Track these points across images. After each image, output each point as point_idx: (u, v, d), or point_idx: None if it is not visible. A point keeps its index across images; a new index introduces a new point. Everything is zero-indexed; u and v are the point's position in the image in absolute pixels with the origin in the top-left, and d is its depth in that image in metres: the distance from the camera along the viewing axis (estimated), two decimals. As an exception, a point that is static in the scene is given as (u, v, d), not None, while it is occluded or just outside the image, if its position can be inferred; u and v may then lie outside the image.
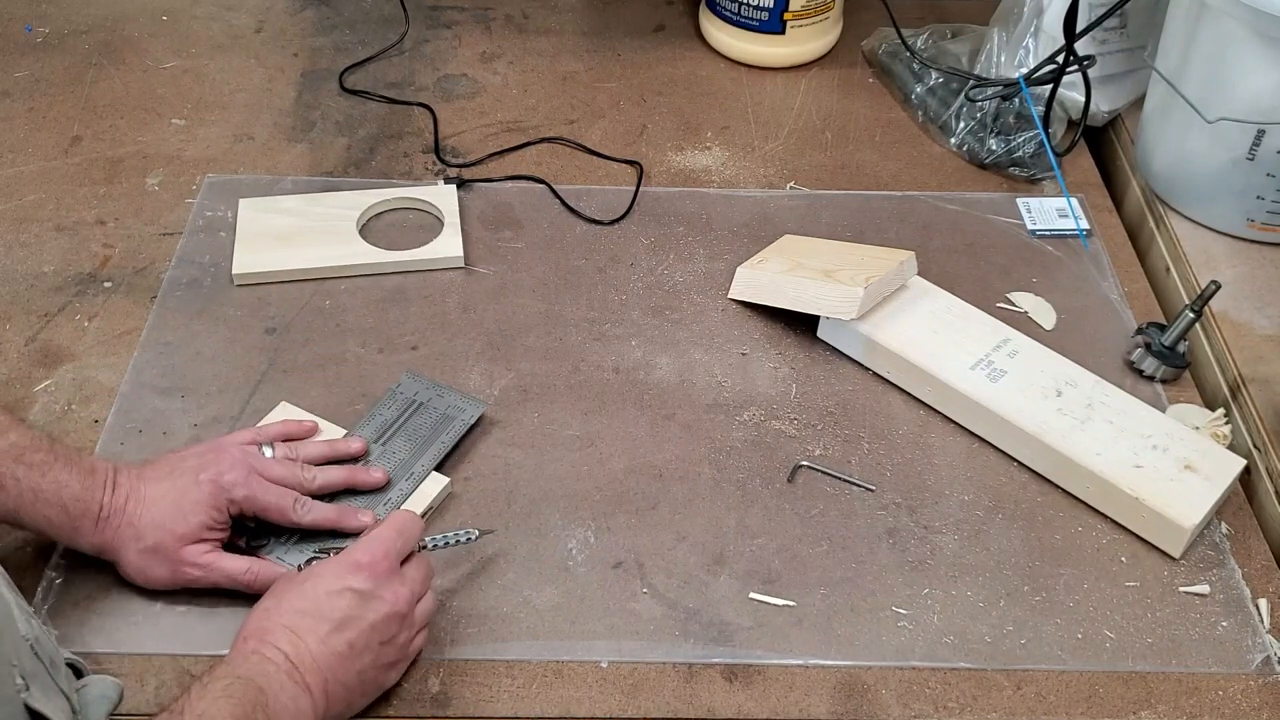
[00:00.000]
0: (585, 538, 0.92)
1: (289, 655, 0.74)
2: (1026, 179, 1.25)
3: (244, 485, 0.85)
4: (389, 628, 0.78)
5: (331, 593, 0.76)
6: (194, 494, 0.83)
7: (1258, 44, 1.05)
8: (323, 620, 0.75)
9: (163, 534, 0.82)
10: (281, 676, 0.73)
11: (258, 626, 0.75)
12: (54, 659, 0.70)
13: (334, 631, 0.75)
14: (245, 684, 0.70)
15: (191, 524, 0.83)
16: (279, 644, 0.74)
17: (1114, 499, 0.93)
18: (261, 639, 0.74)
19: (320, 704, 0.74)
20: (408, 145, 1.26)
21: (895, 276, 1.05)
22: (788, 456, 0.98)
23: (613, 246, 1.16)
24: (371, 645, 0.77)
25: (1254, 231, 1.16)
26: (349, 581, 0.77)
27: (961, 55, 1.34)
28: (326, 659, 0.75)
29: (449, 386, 1.00)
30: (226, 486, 0.84)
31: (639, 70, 1.39)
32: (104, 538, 0.82)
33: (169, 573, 0.83)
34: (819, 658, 0.85)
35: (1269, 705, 0.84)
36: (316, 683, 0.74)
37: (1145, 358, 1.05)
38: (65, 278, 1.09)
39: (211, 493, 0.84)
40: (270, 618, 0.75)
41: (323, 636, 0.75)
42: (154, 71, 1.34)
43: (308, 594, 0.76)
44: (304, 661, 0.74)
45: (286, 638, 0.74)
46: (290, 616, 0.75)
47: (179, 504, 0.83)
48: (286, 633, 0.74)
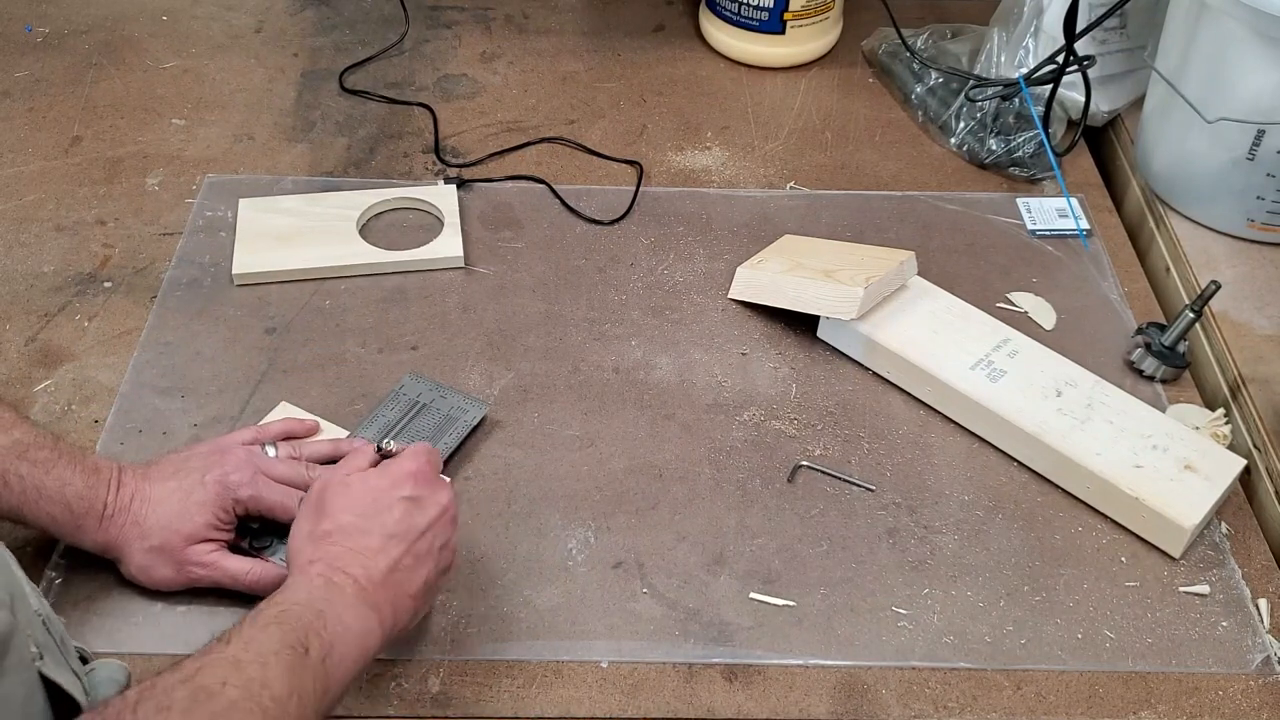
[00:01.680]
0: (585, 538, 0.92)
1: (358, 579, 0.73)
2: (1026, 179, 1.25)
3: (249, 485, 0.84)
4: (444, 530, 0.79)
5: (389, 505, 0.77)
6: (199, 494, 0.83)
7: (1258, 44, 1.05)
8: (388, 536, 0.76)
9: (168, 534, 0.82)
10: (349, 598, 0.72)
11: (316, 553, 0.75)
12: (64, 638, 0.70)
13: (398, 542, 0.76)
14: (301, 609, 0.70)
15: (197, 524, 0.83)
16: (348, 569, 0.74)
17: (1114, 499, 0.93)
18: (330, 564, 0.74)
19: (388, 620, 0.74)
20: (408, 145, 1.26)
21: (895, 276, 1.05)
22: (788, 456, 0.98)
23: (613, 246, 1.16)
24: (431, 552, 0.78)
25: (1254, 231, 1.16)
26: (401, 490, 0.78)
27: (961, 55, 1.34)
28: (395, 573, 0.75)
29: (451, 388, 1.00)
30: (232, 487, 0.84)
31: (639, 70, 1.39)
32: (108, 536, 0.82)
33: (173, 572, 0.83)
34: (819, 658, 0.85)
35: (1269, 705, 0.84)
36: (386, 601, 0.74)
37: (1145, 358, 1.05)
38: (65, 278, 1.09)
39: (218, 493, 0.83)
40: (331, 542, 0.75)
41: (387, 550, 0.75)
42: (154, 71, 1.34)
43: (363, 511, 0.77)
44: (374, 580, 0.74)
45: (354, 560, 0.74)
46: (352, 537, 0.75)
47: (184, 504, 0.83)
48: (353, 554, 0.75)
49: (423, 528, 0.78)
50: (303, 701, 0.65)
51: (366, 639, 0.72)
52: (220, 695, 0.62)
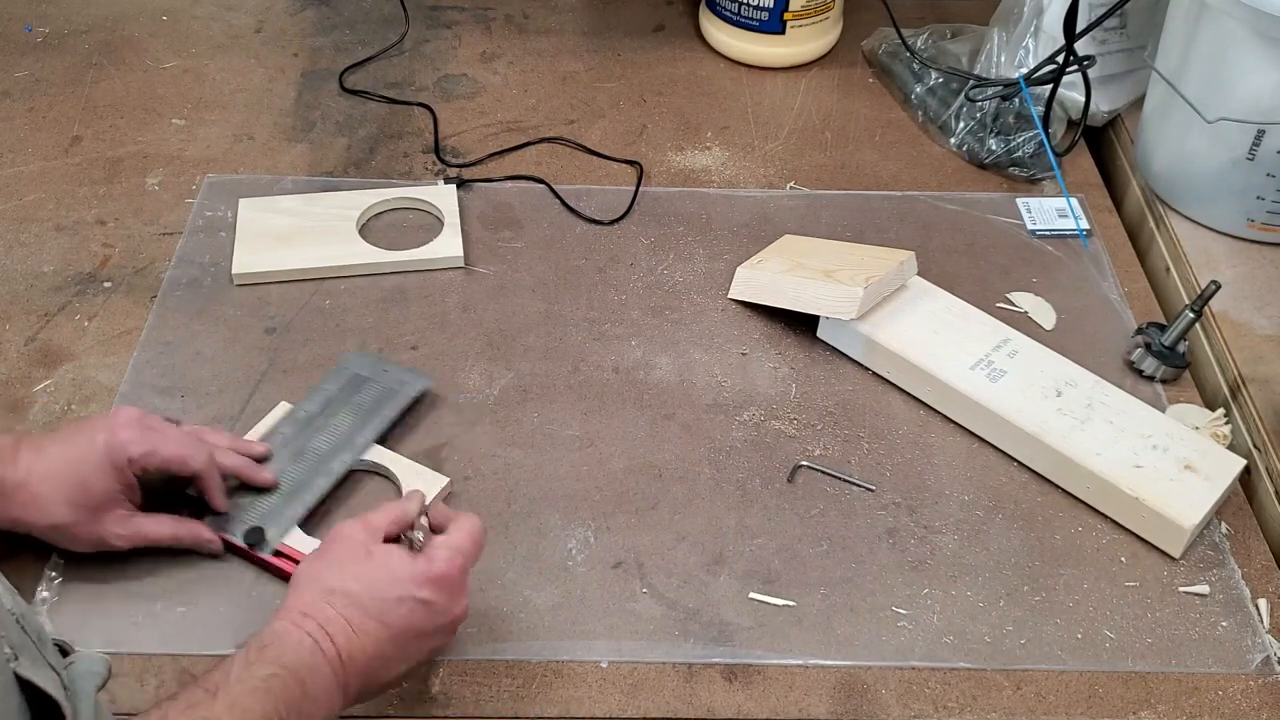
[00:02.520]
0: (585, 538, 0.92)
1: (340, 652, 0.72)
2: (1026, 179, 1.25)
3: (141, 442, 0.83)
4: (443, 636, 0.78)
5: (399, 598, 0.74)
6: (93, 458, 0.82)
7: (1258, 44, 1.05)
8: (383, 625, 0.74)
9: (73, 510, 0.81)
10: (327, 670, 0.72)
11: (314, 605, 0.73)
12: (41, 635, 0.70)
13: (391, 638, 0.74)
14: (289, 676, 0.69)
15: (97, 495, 0.82)
16: (335, 637, 0.72)
17: (1114, 499, 0.93)
18: (322, 626, 0.72)
19: (350, 699, 0.74)
20: (408, 145, 1.26)
21: (895, 276, 1.05)
22: (788, 456, 0.98)
23: (613, 246, 1.16)
24: (419, 654, 0.77)
25: (1254, 231, 1.16)
26: (420, 592, 0.75)
27: (961, 55, 1.34)
28: (373, 662, 0.74)
29: (394, 364, 1.02)
30: (122, 444, 0.82)
31: (639, 70, 1.39)
32: (13, 515, 0.82)
33: (93, 543, 0.83)
34: (819, 658, 0.85)
35: (1269, 705, 0.84)
36: (355, 682, 0.73)
37: (1145, 358, 1.05)
38: (65, 278, 1.09)
39: (108, 453, 0.82)
40: (329, 603, 0.73)
41: (379, 639, 0.73)
42: (154, 71, 1.34)
43: (374, 589, 0.74)
44: (353, 661, 0.73)
45: (343, 631, 0.73)
46: (352, 610, 0.73)
47: (79, 474, 0.81)
48: (344, 626, 0.73)
49: (420, 632, 0.76)
50: None
51: (331, 710, 0.72)
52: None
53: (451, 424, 0.99)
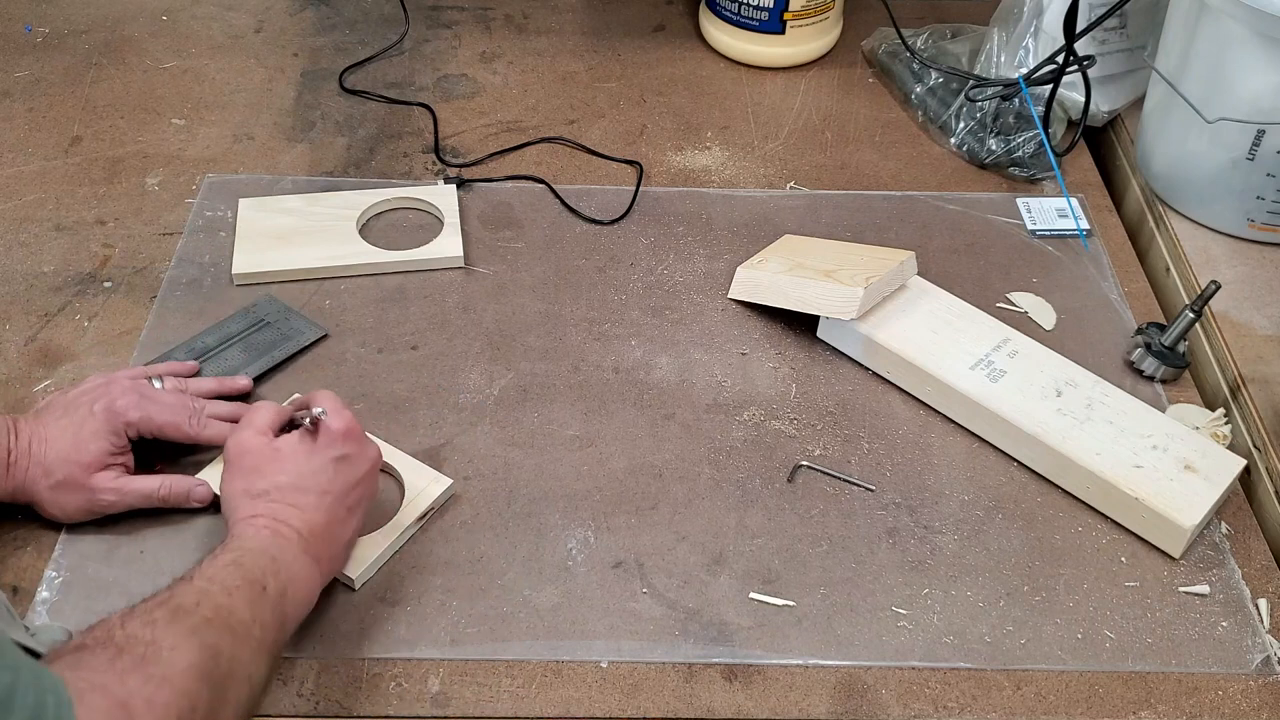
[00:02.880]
0: (585, 538, 0.92)
1: (299, 530, 0.79)
2: (1026, 179, 1.25)
3: (137, 408, 0.88)
4: (373, 480, 0.85)
5: (322, 466, 0.82)
6: (91, 424, 0.87)
7: (1258, 44, 1.05)
8: (323, 493, 0.81)
9: (69, 466, 0.85)
10: (294, 549, 0.78)
11: (256, 508, 0.79)
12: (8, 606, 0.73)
13: (335, 500, 0.81)
14: (256, 554, 0.76)
15: (93, 452, 0.86)
16: (289, 520, 0.79)
17: (1114, 499, 0.93)
18: (273, 518, 0.79)
19: (326, 568, 0.81)
20: (408, 145, 1.26)
21: (895, 276, 1.05)
22: (788, 456, 0.98)
23: (613, 246, 1.16)
24: (358, 505, 0.84)
25: (1254, 231, 1.16)
26: (332, 451, 0.82)
27: (961, 55, 1.34)
28: (330, 527, 0.81)
29: (301, 314, 1.06)
30: (120, 410, 0.87)
31: (639, 70, 1.39)
32: (15, 482, 0.85)
33: (84, 502, 0.87)
34: (819, 658, 0.85)
35: (1269, 705, 0.84)
36: (324, 552, 0.80)
37: (1145, 358, 1.05)
38: (65, 278, 1.09)
39: (107, 419, 0.87)
40: (270, 499, 0.80)
41: (327, 506, 0.81)
42: (154, 71, 1.34)
43: (301, 471, 0.81)
44: (315, 533, 0.80)
45: (295, 515, 0.79)
46: (291, 495, 0.80)
47: (78, 436, 0.86)
48: (293, 510, 0.80)
49: (353, 483, 0.83)
50: (264, 630, 0.72)
51: (311, 584, 0.79)
52: (195, 613, 0.69)
53: (451, 424, 0.99)
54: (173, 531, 0.90)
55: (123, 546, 0.88)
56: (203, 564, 0.74)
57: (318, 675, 0.82)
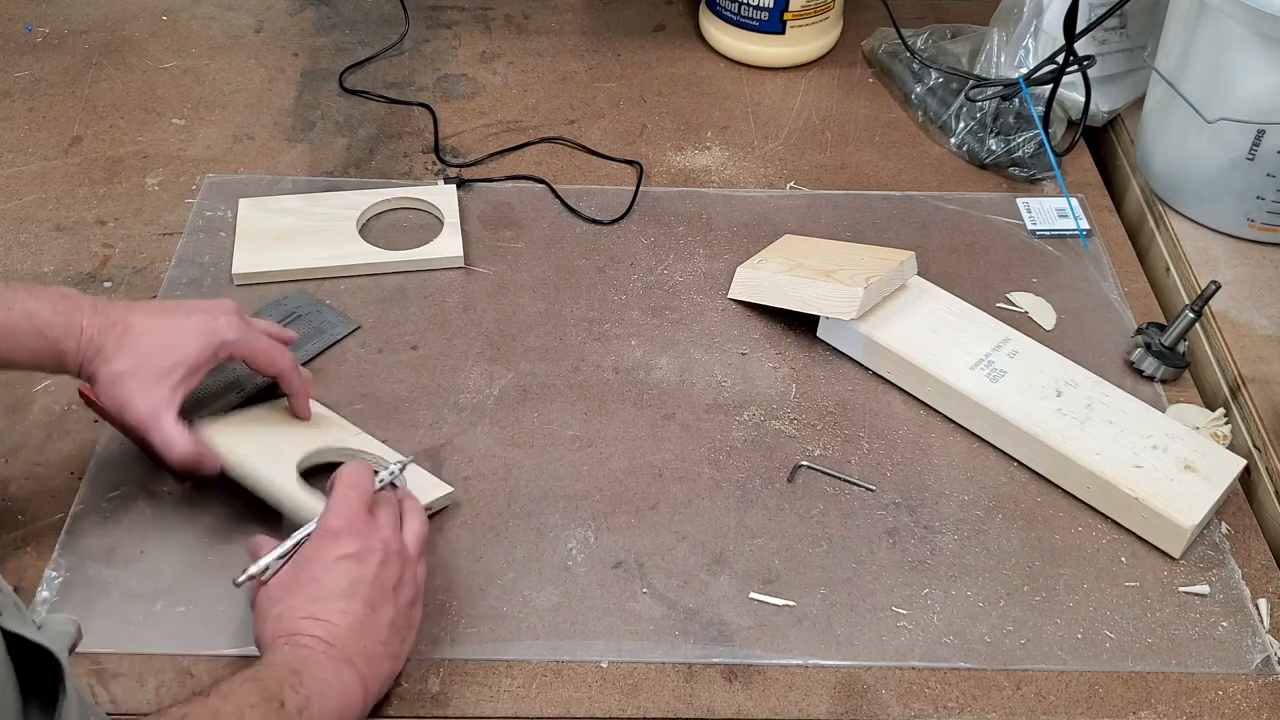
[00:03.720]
0: (585, 538, 0.92)
1: (322, 638, 0.74)
2: (1026, 179, 1.25)
3: (236, 328, 0.87)
4: (392, 570, 0.79)
5: (327, 570, 0.77)
6: (184, 327, 0.85)
7: (1258, 44, 1.05)
8: (335, 597, 0.76)
9: (145, 369, 0.83)
10: (320, 658, 0.74)
11: (279, 631, 0.76)
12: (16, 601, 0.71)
13: (349, 600, 0.76)
14: (277, 669, 0.72)
15: (175, 358, 0.83)
16: (309, 632, 0.75)
17: (1114, 499, 0.93)
18: (291, 635, 0.75)
19: (365, 671, 0.75)
20: (408, 145, 1.26)
21: (895, 276, 1.05)
22: (788, 456, 0.98)
23: (613, 246, 1.16)
24: (387, 594, 0.78)
25: (1254, 231, 1.16)
26: (335, 551, 0.78)
27: (961, 55, 1.34)
28: (356, 629, 0.76)
29: (332, 308, 1.07)
30: (220, 328, 0.86)
31: (639, 70, 1.39)
32: (85, 358, 0.83)
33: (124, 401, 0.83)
34: (819, 658, 0.85)
35: (1269, 705, 0.84)
36: (358, 655, 0.75)
37: (1145, 358, 1.05)
38: (65, 278, 1.09)
39: (202, 333, 0.85)
40: (285, 621, 0.76)
41: (343, 609, 0.76)
42: (154, 71, 1.34)
43: (306, 584, 0.77)
44: (338, 638, 0.75)
45: (313, 625, 0.75)
46: (305, 608, 0.76)
47: (166, 337, 0.84)
48: (311, 622, 0.75)
49: (370, 578, 0.77)
50: None
51: (347, 692, 0.74)
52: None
53: (451, 424, 0.99)
54: (173, 532, 0.90)
55: (123, 546, 0.88)
56: (220, 682, 0.71)
57: (318, 675, 0.82)
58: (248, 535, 0.86)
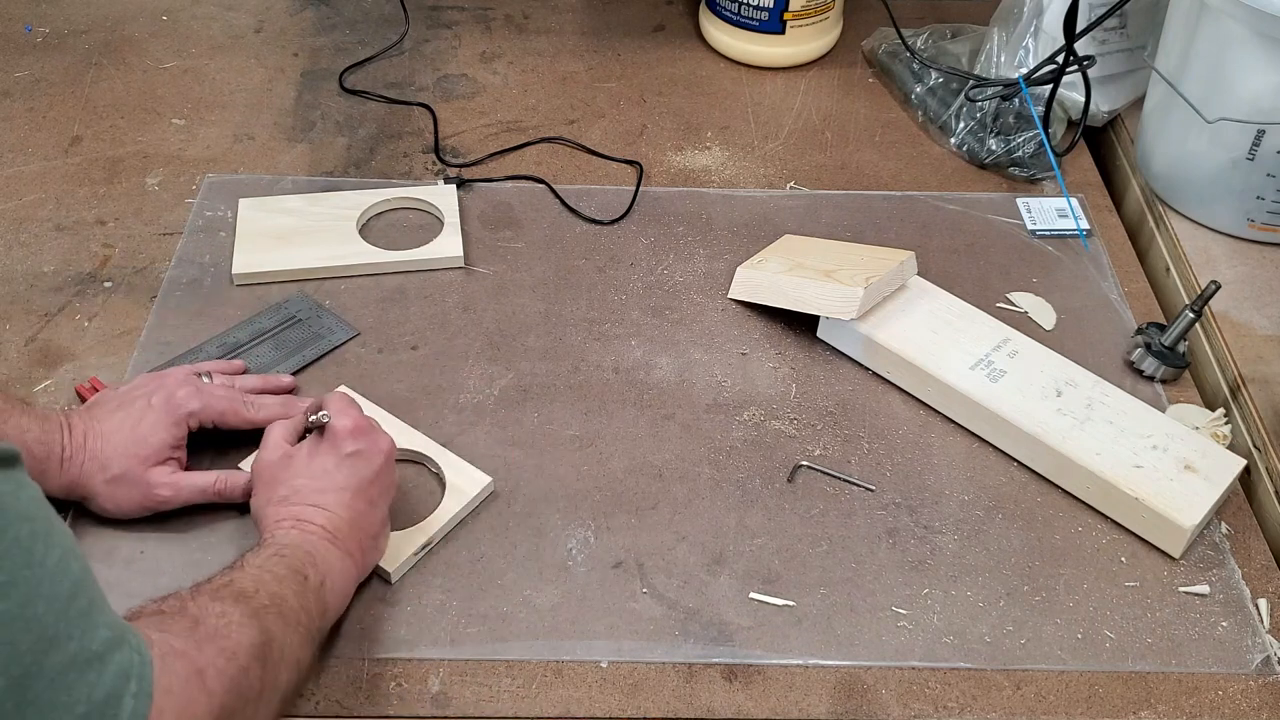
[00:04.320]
0: (585, 538, 0.92)
1: (325, 527, 0.81)
2: (1026, 179, 1.25)
3: (196, 398, 0.90)
4: (389, 471, 0.86)
5: (337, 464, 0.83)
6: (150, 416, 0.88)
7: (1258, 44, 1.05)
8: (341, 490, 0.83)
9: (127, 460, 0.86)
10: (326, 545, 0.80)
11: (280, 512, 0.82)
12: None
13: (354, 495, 0.83)
14: (294, 548, 0.78)
15: (153, 445, 0.87)
16: (314, 520, 0.81)
17: (1114, 499, 0.93)
18: (296, 519, 0.81)
19: (359, 559, 0.83)
20: (408, 145, 1.26)
21: (895, 276, 1.05)
22: (788, 456, 0.98)
23: (613, 246, 1.16)
24: (383, 493, 0.85)
25: (1254, 231, 1.16)
26: (345, 449, 0.84)
27: (961, 55, 1.34)
28: (355, 521, 0.83)
29: (332, 312, 1.07)
30: (180, 402, 0.89)
31: (639, 70, 1.39)
32: (70, 476, 0.86)
33: (140, 497, 0.87)
34: (819, 658, 0.85)
35: (1269, 705, 0.84)
36: (354, 545, 0.82)
37: (1145, 358, 1.05)
38: (65, 278, 1.09)
39: (167, 410, 0.88)
40: (291, 505, 0.82)
41: (347, 502, 0.82)
42: (154, 71, 1.34)
43: (315, 472, 0.83)
44: (340, 529, 0.81)
45: (317, 513, 0.81)
46: (313, 496, 0.82)
47: (137, 429, 0.87)
48: (316, 510, 0.81)
49: (369, 477, 0.84)
50: (310, 618, 0.76)
51: (346, 577, 0.82)
52: (255, 598, 0.72)
53: (451, 424, 0.99)
54: (173, 532, 0.89)
55: (123, 546, 0.88)
56: (246, 557, 0.77)
57: (318, 675, 0.82)
58: (247, 535, 0.86)
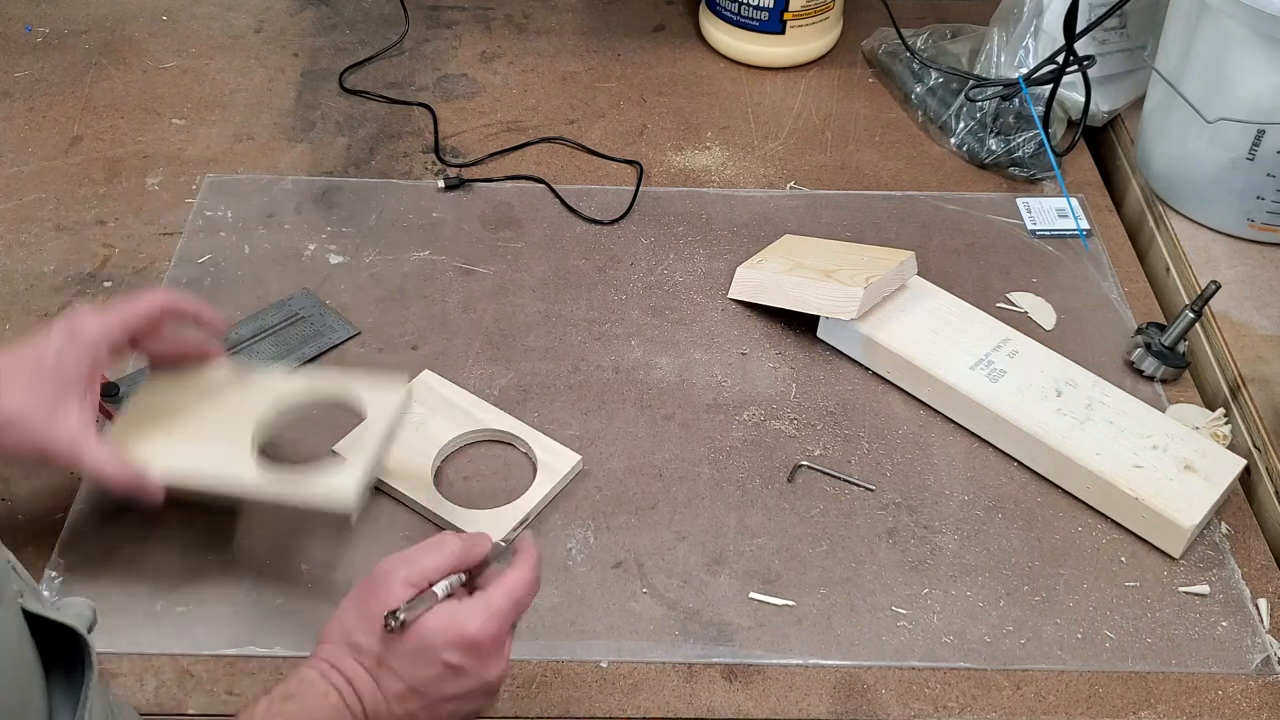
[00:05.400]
0: (585, 538, 0.92)
1: (366, 710, 0.69)
2: (1026, 179, 1.25)
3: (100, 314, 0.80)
4: (474, 702, 0.72)
5: (427, 660, 0.69)
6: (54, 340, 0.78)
7: (1258, 44, 1.05)
8: (410, 688, 0.70)
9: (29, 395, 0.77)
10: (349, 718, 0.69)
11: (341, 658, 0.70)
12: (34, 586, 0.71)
13: (418, 699, 0.70)
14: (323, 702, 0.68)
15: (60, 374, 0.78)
16: (362, 695, 0.69)
17: (1114, 499, 0.93)
18: (349, 681, 0.69)
19: None
20: (408, 145, 1.26)
21: (895, 276, 1.05)
22: (788, 456, 0.98)
23: (613, 246, 1.16)
24: (454, 713, 0.72)
25: (1254, 231, 1.16)
26: (449, 656, 0.69)
27: (961, 55, 1.34)
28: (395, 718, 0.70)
29: (335, 311, 1.06)
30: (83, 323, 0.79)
31: (639, 70, 1.39)
32: None
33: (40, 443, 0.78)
34: (819, 658, 0.85)
35: (1269, 705, 0.84)
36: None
37: (1145, 358, 1.05)
38: (65, 277, 1.10)
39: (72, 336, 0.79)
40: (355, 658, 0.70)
41: (403, 698, 0.70)
42: (154, 71, 1.34)
43: (408, 650, 0.69)
44: (378, 715, 0.70)
45: (368, 690, 0.69)
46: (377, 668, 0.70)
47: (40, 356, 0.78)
48: (369, 684, 0.69)
49: (451, 696, 0.70)
50: None
51: None
52: None
53: (451, 424, 0.99)
54: (173, 532, 0.89)
55: (123, 546, 0.88)
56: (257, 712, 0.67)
57: (318, 675, 0.82)
58: (247, 536, 0.85)
